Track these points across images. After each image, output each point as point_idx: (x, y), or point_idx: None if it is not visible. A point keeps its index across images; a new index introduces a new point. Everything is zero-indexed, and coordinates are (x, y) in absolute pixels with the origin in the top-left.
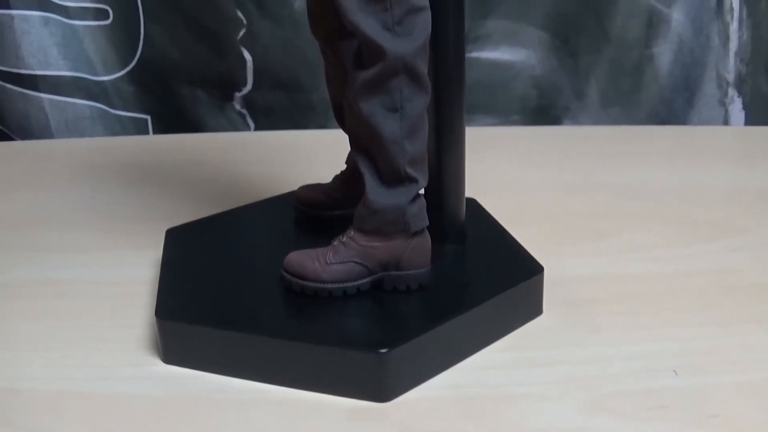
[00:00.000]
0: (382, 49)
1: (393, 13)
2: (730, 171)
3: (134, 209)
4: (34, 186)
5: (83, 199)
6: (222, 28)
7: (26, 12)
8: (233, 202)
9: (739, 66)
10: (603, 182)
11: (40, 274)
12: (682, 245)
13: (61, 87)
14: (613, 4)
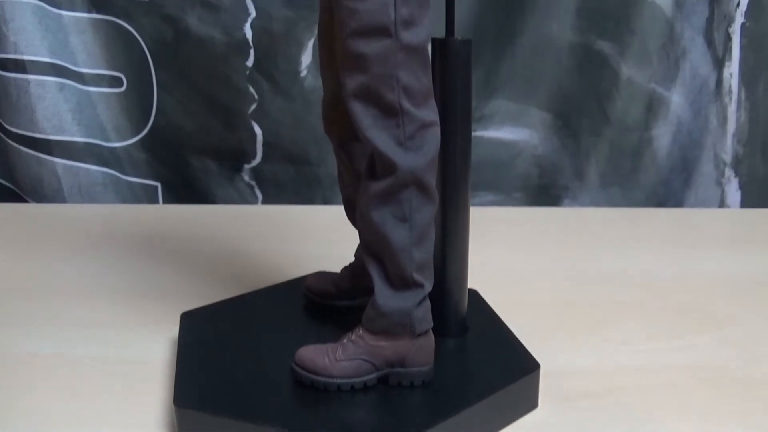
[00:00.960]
0: (394, 164)
1: (405, 129)
2: (725, 257)
3: (145, 283)
4: (47, 253)
5: (96, 270)
6: (234, 103)
7: (42, 77)
8: (242, 278)
9: (736, 147)
10: (600, 269)
11: (55, 347)
12: (676, 336)
13: (75, 152)
14: (615, 87)
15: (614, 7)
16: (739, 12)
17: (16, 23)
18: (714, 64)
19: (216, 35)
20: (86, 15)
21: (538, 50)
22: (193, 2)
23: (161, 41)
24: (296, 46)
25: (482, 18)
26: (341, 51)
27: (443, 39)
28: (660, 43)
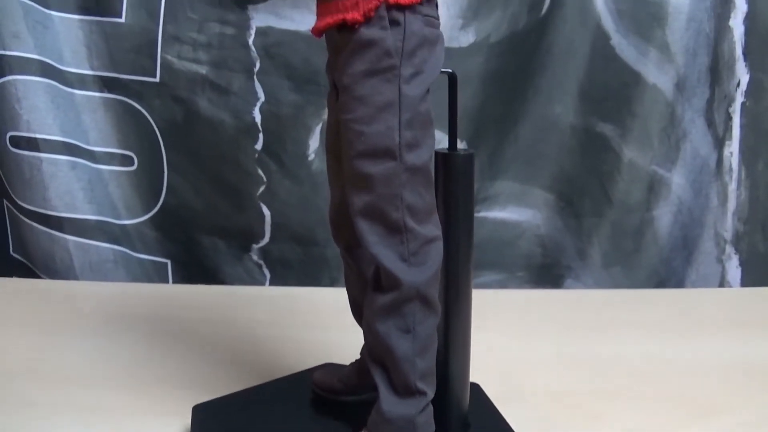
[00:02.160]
0: (399, 280)
1: (409, 246)
2: (725, 341)
3: (155, 367)
4: (57, 332)
5: (105, 353)
6: (243, 184)
7: (55, 156)
8: (252, 365)
9: (736, 224)
10: (600, 355)
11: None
12: (676, 428)
13: (86, 230)
14: (617, 169)
15: (616, 91)
16: (739, 92)
17: (29, 101)
18: (714, 144)
19: (226, 118)
20: (98, 94)
21: (541, 132)
22: (203, 85)
23: (172, 122)
24: (304, 130)
25: (486, 102)
26: (348, 170)
27: (446, 153)
28: (661, 126)
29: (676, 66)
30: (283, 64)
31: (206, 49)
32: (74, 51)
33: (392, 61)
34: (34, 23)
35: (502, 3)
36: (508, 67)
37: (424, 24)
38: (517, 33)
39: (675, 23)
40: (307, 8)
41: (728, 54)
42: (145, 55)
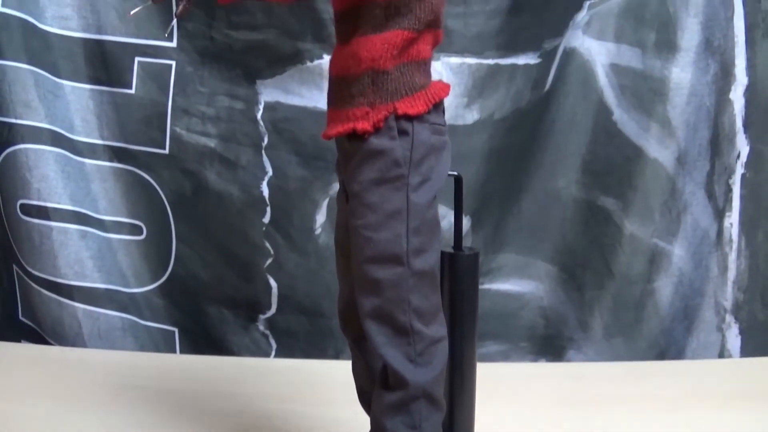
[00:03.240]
0: (406, 380)
1: (416, 347)
2: (725, 414)
3: None
4: (65, 401)
5: (112, 424)
6: (250, 256)
7: (64, 225)
8: None
9: (736, 294)
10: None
11: None
12: None
13: (95, 298)
14: (618, 242)
15: (618, 165)
16: (739, 163)
17: (39, 170)
18: (715, 215)
19: (234, 191)
20: (108, 164)
21: (543, 206)
22: (212, 158)
23: (180, 194)
24: (311, 204)
25: (490, 177)
26: (357, 273)
27: (452, 253)
28: (662, 200)
29: (677, 140)
30: (291, 139)
31: (215, 123)
32: (85, 120)
33: (401, 170)
34: (46, 92)
35: (506, 81)
36: (512, 142)
37: (431, 132)
38: (520, 110)
39: (676, 98)
40: (315, 85)
41: (729, 127)
42: (155, 126)
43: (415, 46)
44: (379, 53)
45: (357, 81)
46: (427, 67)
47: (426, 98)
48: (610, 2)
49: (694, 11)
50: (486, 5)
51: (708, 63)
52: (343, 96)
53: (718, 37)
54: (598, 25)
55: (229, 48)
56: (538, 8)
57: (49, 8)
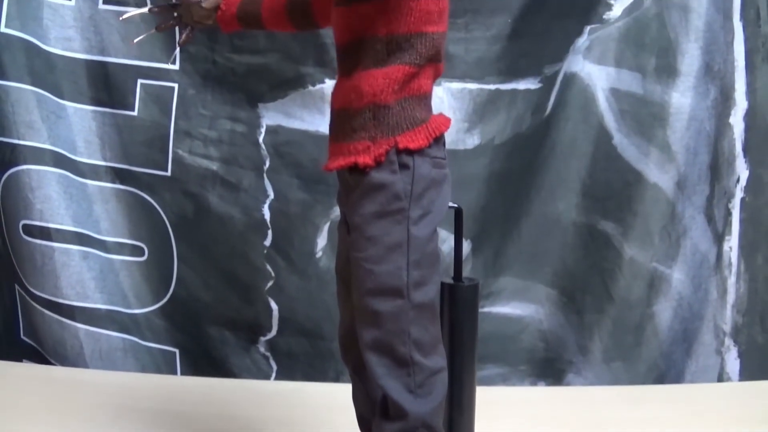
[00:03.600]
0: (405, 411)
1: (415, 378)
2: None
3: None
4: (65, 423)
5: None
6: (251, 279)
7: (67, 246)
8: None
9: (735, 317)
10: None
11: None
12: None
13: (97, 319)
14: (618, 267)
15: (617, 190)
16: (739, 187)
17: (42, 191)
18: (714, 239)
19: (235, 214)
20: (110, 185)
21: (543, 230)
22: (214, 181)
23: (182, 216)
24: (312, 228)
25: (491, 201)
26: (358, 304)
27: (452, 285)
28: (662, 224)
29: (677, 165)
30: (292, 162)
31: (217, 146)
32: (87, 141)
33: (401, 203)
34: (48, 113)
35: (506, 106)
36: (512, 167)
37: (432, 166)
38: (521, 134)
39: (676, 123)
40: (316, 109)
41: (728, 151)
42: (157, 148)
43: (416, 81)
44: (380, 88)
45: (358, 115)
46: (428, 101)
47: (427, 132)
48: (610, 27)
49: (694, 36)
50: (487, 31)
51: (708, 87)
52: (345, 129)
53: (718, 62)
54: (598, 49)
55: (231, 71)
56: (538, 34)
57: (53, 29)
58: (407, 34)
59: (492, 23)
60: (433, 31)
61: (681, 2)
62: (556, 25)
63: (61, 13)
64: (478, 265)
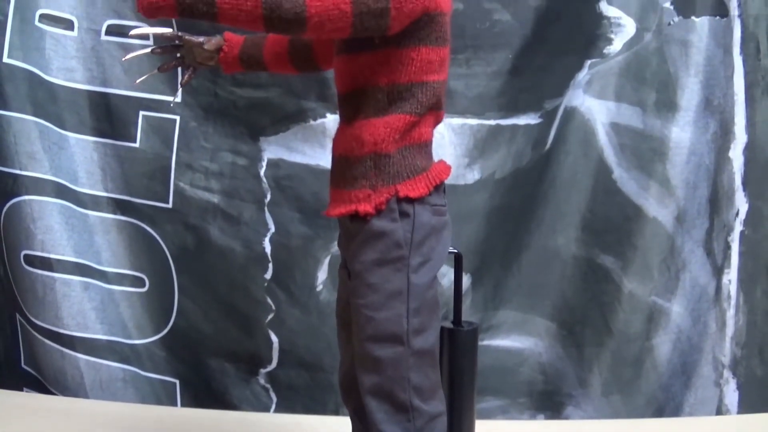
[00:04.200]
0: None
1: (415, 423)
2: None
3: None
4: None
5: None
6: (252, 311)
7: (68, 276)
8: None
9: (734, 349)
10: None
11: None
12: None
13: (97, 349)
14: (617, 300)
15: (617, 224)
16: (738, 221)
17: (44, 222)
18: (713, 272)
19: (236, 247)
20: (111, 216)
21: (543, 263)
22: (215, 214)
23: (183, 248)
24: (313, 261)
25: (491, 235)
26: (358, 350)
27: (452, 329)
28: (661, 258)
29: (677, 199)
30: (293, 196)
31: (218, 178)
32: (89, 172)
33: (402, 252)
34: (50, 144)
35: (507, 141)
36: (512, 201)
37: (432, 214)
38: (521, 169)
39: (676, 157)
40: (318, 143)
41: (728, 184)
42: (159, 180)
43: (417, 129)
44: (381, 137)
45: (360, 163)
46: (428, 149)
47: (427, 181)
48: (611, 61)
49: (694, 71)
50: (488, 67)
51: (708, 122)
52: (346, 177)
53: (718, 96)
54: (598, 84)
55: (233, 105)
56: (539, 69)
57: (55, 60)
58: (408, 84)
59: (493, 59)
60: (434, 80)
61: (681, 37)
62: (556, 60)
63: (63, 44)
64: (477, 299)
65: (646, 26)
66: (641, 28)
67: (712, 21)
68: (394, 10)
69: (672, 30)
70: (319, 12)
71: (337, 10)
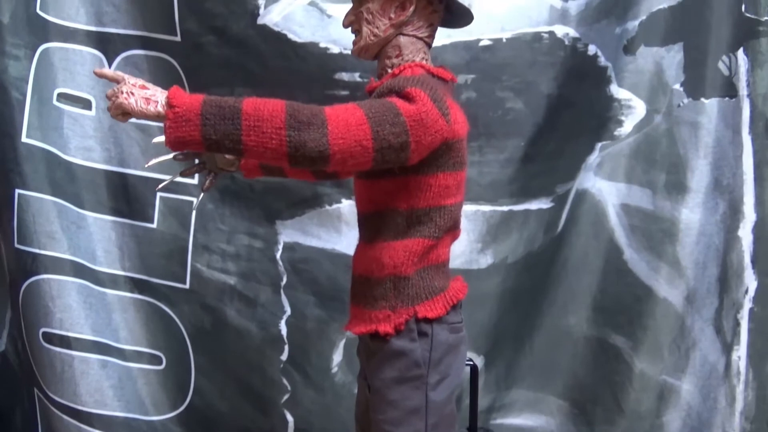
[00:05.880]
0: None
1: None
2: None
3: None
4: None
5: None
6: (267, 391)
7: (86, 354)
8: None
9: (744, 424)
10: None
11: None
12: None
13: (115, 426)
14: (628, 379)
15: (628, 304)
16: (747, 298)
17: (62, 300)
18: (723, 349)
19: (253, 329)
20: (129, 295)
21: (555, 343)
22: (231, 295)
23: (200, 328)
24: (328, 344)
25: (503, 317)
26: None
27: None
28: (671, 338)
29: (687, 280)
30: (309, 279)
31: (235, 260)
32: (107, 251)
33: (420, 370)
34: (69, 224)
35: (519, 226)
36: (524, 283)
37: (449, 332)
38: (533, 252)
39: (686, 239)
40: (333, 228)
41: (737, 263)
42: (176, 261)
43: (435, 251)
44: (401, 260)
45: (379, 285)
46: (446, 268)
47: (445, 301)
48: (621, 143)
49: (703, 152)
50: (500, 154)
51: (717, 202)
52: (366, 297)
53: (727, 176)
54: (609, 165)
55: (249, 188)
56: (551, 154)
57: (73, 139)
58: (426, 209)
59: (505, 146)
60: (451, 204)
61: (691, 118)
62: (568, 144)
63: (81, 123)
64: (490, 379)
65: (656, 108)
66: (651, 110)
67: (722, 102)
68: (414, 144)
69: (682, 111)
70: (342, 149)
71: (359, 146)
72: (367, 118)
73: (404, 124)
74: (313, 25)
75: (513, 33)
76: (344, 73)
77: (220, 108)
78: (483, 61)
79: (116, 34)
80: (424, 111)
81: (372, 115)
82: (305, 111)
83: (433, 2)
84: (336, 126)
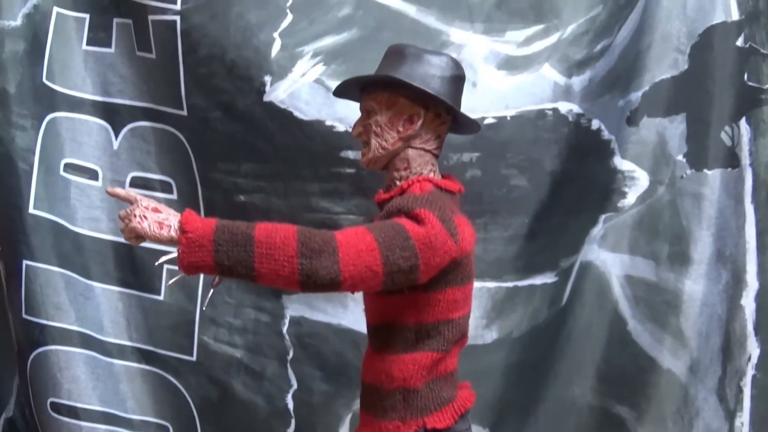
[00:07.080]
0: None
1: None
2: None
3: None
4: None
5: None
6: None
7: (94, 425)
8: None
9: None
10: None
11: None
12: None
13: None
14: None
15: (631, 375)
16: (750, 365)
17: (70, 372)
18: (726, 417)
19: (259, 402)
20: (136, 365)
21: (560, 414)
22: (238, 368)
23: (207, 399)
24: (335, 419)
25: (508, 390)
26: None
27: None
28: (675, 408)
29: (690, 350)
30: (315, 354)
31: (241, 334)
32: (114, 321)
33: None
34: (76, 295)
35: (523, 301)
36: (529, 357)
37: None
38: (537, 326)
39: (689, 310)
40: (339, 303)
41: (740, 331)
42: (183, 333)
43: (443, 363)
44: (410, 373)
45: (389, 396)
46: (454, 378)
47: (453, 411)
48: (624, 215)
49: (706, 224)
50: (505, 231)
51: (720, 272)
52: (376, 407)
53: (730, 246)
54: (612, 237)
55: None
56: (555, 230)
57: (80, 210)
58: (435, 323)
59: (510, 224)
60: (459, 317)
61: (694, 190)
62: (572, 219)
63: (87, 194)
64: None
65: (659, 179)
66: (654, 181)
67: (724, 173)
68: (423, 266)
69: (685, 183)
70: (353, 275)
71: (370, 271)
72: (377, 243)
73: (414, 247)
74: (318, 103)
75: (517, 110)
76: (350, 152)
77: (232, 234)
78: (487, 139)
79: (123, 104)
80: (433, 234)
81: (382, 240)
82: (317, 238)
83: (440, 115)
84: (347, 252)
